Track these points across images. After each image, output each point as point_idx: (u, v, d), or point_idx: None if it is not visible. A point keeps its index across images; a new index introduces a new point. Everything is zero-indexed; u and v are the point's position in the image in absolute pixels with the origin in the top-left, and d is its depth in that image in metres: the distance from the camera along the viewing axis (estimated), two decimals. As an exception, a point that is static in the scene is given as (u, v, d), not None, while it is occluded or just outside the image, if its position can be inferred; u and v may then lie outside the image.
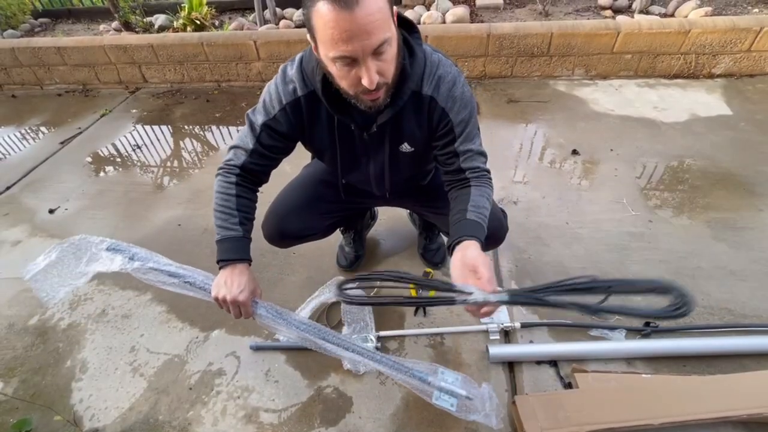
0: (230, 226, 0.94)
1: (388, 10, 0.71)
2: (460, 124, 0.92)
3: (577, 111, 2.45)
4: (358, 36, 0.67)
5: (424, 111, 0.92)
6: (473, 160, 0.95)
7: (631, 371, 1.18)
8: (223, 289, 0.90)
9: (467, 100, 0.91)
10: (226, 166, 0.98)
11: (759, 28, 2.48)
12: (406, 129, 0.96)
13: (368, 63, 0.71)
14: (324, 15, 0.66)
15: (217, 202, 0.95)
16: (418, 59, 0.85)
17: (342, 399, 1.17)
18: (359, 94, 0.78)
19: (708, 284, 1.41)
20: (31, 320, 1.48)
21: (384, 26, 0.70)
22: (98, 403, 1.21)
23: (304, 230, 1.19)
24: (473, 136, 0.95)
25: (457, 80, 0.90)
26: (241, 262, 0.93)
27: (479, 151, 0.96)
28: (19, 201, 2.11)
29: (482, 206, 0.91)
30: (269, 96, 0.92)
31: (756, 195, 1.76)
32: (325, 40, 0.69)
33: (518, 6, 3.50)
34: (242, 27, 3.36)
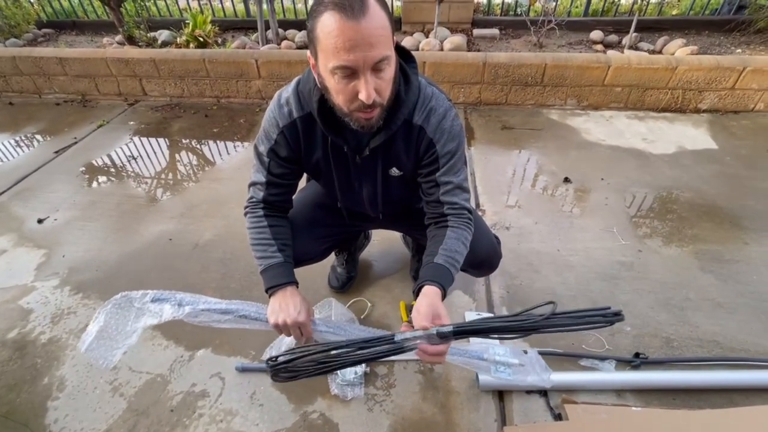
0: (271, 254, 0.97)
1: (390, 32, 0.74)
2: (445, 155, 0.93)
3: (570, 140, 2.51)
4: (361, 46, 0.69)
5: (413, 140, 0.94)
6: (453, 194, 0.95)
7: (621, 403, 1.17)
8: (281, 314, 0.91)
9: (455, 134, 0.93)
10: (250, 204, 1.01)
11: (742, 68, 2.59)
12: (396, 154, 0.97)
13: (367, 76, 0.72)
14: (330, 24, 0.68)
15: (253, 237, 0.98)
16: (413, 88, 0.88)
17: (328, 425, 1.14)
18: (354, 111, 0.79)
19: (696, 316, 1.42)
20: (11, 333, 1.44)
21: (386, 44, 0.72)
22: (74, 424, 1.17)
23: (302, 256, 1.17)
24: (457, 170, 0.95)
25: (447, 113, 0.91)
26: (290, 285, 0.96)
27: (460, 185, 0.96)
28: (8, 209, 2.08)
29: (455, 251, 0.92)
30: (267, 123, 0.94)
31: (742, 228, 1.80)
32: (328, 49, 0.71)
33: (514, 37, 3.63)
34: (244, 46, 3.42)
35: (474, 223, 0.99)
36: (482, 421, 1.14)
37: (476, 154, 2.37)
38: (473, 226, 0.98)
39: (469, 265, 1.17)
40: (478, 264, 1.16)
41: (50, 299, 1.56)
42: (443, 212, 0.96)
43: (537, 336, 1.36)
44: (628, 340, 1.34)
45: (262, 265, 0.96)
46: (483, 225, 1.27)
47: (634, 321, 1.41)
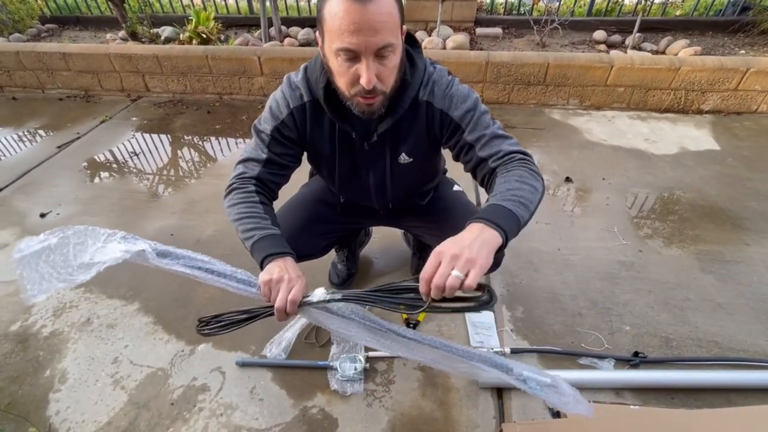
0: (267, 226, 0.87)
1: (398, 20, 0.74)
2: (464, 116, 0.88)
3: (571, 139, 2.51)
4: (365, 30, 0.69)
5: (422, 118, 0.92)
6: (491, 145, 0.85)
7: (620, 402, 1.17)
8: (278, 272, 0.79)
9: (464, 95, 0.89)
10: (239, 179, 0.93)
11: (745, 69, 2.59)
12: (405, 139, 0.96)
13: (369, 61, 0.72)
14: (337, 5, 0.69)
15: (241, 210, 0.88)
16: (419, 70, 0.87)
17: (327, 420, 1.15)
18: (355, 95, 0.79)
19: (696, 316, 1.42)
20: (13, 326, 1.45)
21: (392, 30, 0.72)
22: (75, 416, 1.18)
23: (302, 251, 1.15)
24: (486, 124, 0.87)
25: (451, 82, 0.90)
26: (291, 255, 0.86)
27: (495, 134, 0.86)
28: (11, 203, 2.09)
29: (507, 189, 0.77)
30: (276, 103, 0.94)
31: (743, 229, 1.80)
32: (333, 30, 0.71)
33: (516, 36, 3.63)
34: (247, 42, 3.43)
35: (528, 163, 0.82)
36: (481, 417, 1.14)
37: (478, 152, 2.37)
38: (532, 164, 0.83)
39: None
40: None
41: (52, 293, 1.57)
42: (491, 167, 0.85)
43: (537, 335, 1.36)
44: (627, 339, 1.35)
45: (255, 236, 0.85)
46: None
47: (633, 320, 1.41)
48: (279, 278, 0.79)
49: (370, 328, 0.81)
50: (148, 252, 0.79)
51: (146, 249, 0.79)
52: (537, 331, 1.38)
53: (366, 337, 0.81)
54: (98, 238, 0.78)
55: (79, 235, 0.77)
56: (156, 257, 0.80)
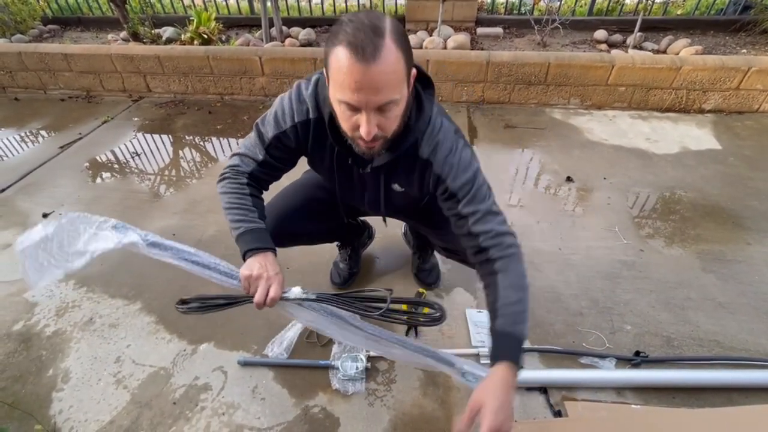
0: (253, 219, 0.92)
1: (404, 73, 0.72)
2: (462, 188, 0.88)
3: (572, 139, 2.51)
4: (366, 89, 0.69)
5: (417, 170, 0.93)
6: (484, 222, 0.87)
7: (621, 401, 1.17)
8: (258, 268, 0.85)
9: (466, 165, 0.88)
10: (233, 170, 0.96)
11: (747, 68, 2.58)
12: (399, 177, 0.98)
13: (370, 115, 0.73)
14: (341, 60, 0.68)
15: (231, 201, 0.93)
16: (424, 116, 0.86)
17: (329, 420, 1.15)
18: (356, 138, 0.80)
19: (697, 315, 1.42)
20: (16, 326, 1.45)
21: (395, 88, 0.71)
22: (78, 415, 1.18)
23: (301, 229, 1.19)
24: (482, 197, 0.88)
25: (454, 146, 0.88)
26: (272, 251, 0.91)
27: (489, 210, 0.88)
28: (13, 204, 2.09)
29: (512, 303, 0.83)
30: (282, 110, 0.93)
31: (744, 229, 1.79)
32: (335, 82, 0.72)
33: (517, 36, 3.63)
34: (248, 43, 3.43)
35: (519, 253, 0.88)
36: (482, 417, 1.15)
37: (479, 152, 2.35)
38: (519, 249, 0.87)
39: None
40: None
41: (55, 292, 1.58)
42: (480, 245, 0.87)
43: (538, 334, 1.37)
44: (628, 339, 1.35)
45: (241, 228, 0.91)
46: None
47: (635, 320, 1.41)
48: (258, 275, 0.85)
49: (337, 323, 0.89)
50: (139, 242, 0.83)
51: (137, 240, 0.83)
52: (538, 330, 1.38)
53: (333, 330, 0.89)
54: (90, 226, 0.81)
55: (73, 222, 0.81)
56: (146, 247, 0.84)
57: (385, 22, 0.69)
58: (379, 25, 0.68)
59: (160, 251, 0.85)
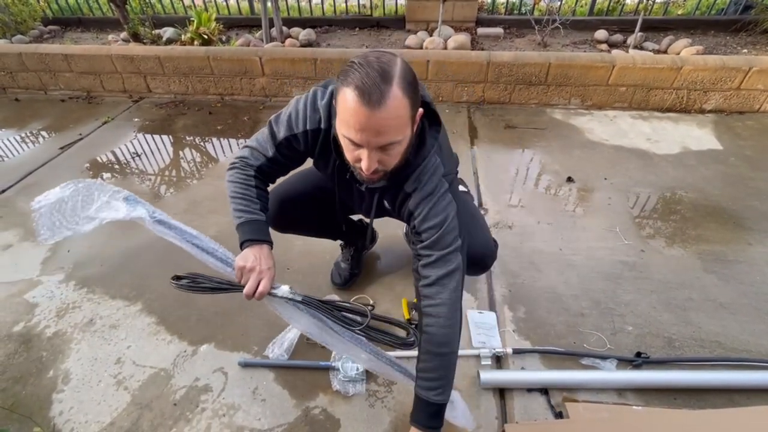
0: (254, 211, 0.96)
1: (408, 117, 0.75)
2: (427, 231, 0.90)
3: (573, 139, 2.51)
4: (368, 131, 0.72)
5: (400, 197, 0.96)
6: (431, 267, 0.89)
7: (622, 402, 1.17)
8: (252, 260, 0.89)
9: (438, 211, 0.89)
10: (242, 161, 1.00)
11: (748, 68, 2.58)
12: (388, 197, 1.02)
13: (371, 153, 0.76)
14: (348, 101, 0.71)
15: (237, 190, 0.97)
16: (423, 153, 0.89)
17: (330, 421, 1.15)
18: (357, 168, 0.83)
19: (698, 316, 1.42)
20: (16, 327, 1.45)
21: (397, 131, 0.74)
22: (78, 417, 1.18)
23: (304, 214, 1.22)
24: (444, 244, 0.88)
25: (436, 190, 0.90)
26: (268, 244, 0.95)
27: (442, 257, 0.88)
28: (14, 204, 2.09)
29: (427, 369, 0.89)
30: (296, 114, 0.96)
31: (745, 229, 1.79)
32: (341, 118, 0.75)
33: (518, 36, 3.62)
34: (248, 43, 3.43)
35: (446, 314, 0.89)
36: (483, 418, 1.14)
37: (479, 153, 2.37)
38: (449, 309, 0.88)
39: None
40: (476, 261, 1.17)
41: (55, 293, 1.58)
42: (419, 288, 0.91)
43: (539, 335, 1.36)
44: (629, 340, 1.34)
45: (242, 218, 0.94)
46: (482, 223, 1.28)
47: (636, 320, 1.41)
48: (251, 267, 0.88)
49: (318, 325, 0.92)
50: (146, 217, 0.86)
51: (144, 215, 0.86)
52: (539, 331, 1.38)
53: (313, 331, 0.93)
54: (104, 194, 0.86)
55: (89, 188, 0.85)
56: (152, 223, 0.87)
57: (395, 67, 0.72)
58: (388, 71, 0.70)
59: (165, 229, 0.88)
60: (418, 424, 0.91)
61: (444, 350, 0.89)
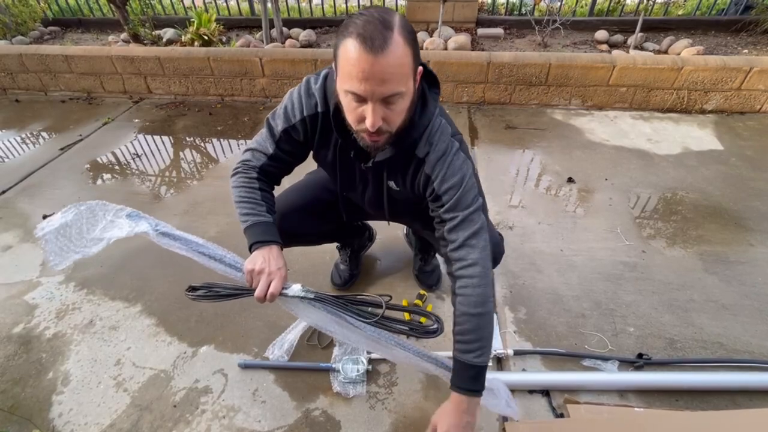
0: (260, 213, 0.95)
1: (410, 68, 0.74)
2: (447, 192, 0.89)
3: (574, 140, 2.50)
4: (372, 80, 0.70)
5: (411, 168, 0.94)
6: (458, 229, 0.88)
7: (624, 404, 1.16)
8: (261, 262, 0.88)
9: (455, 169, 0.89)
10: (244, 165, 0.99)
11: (749, 68, 2.57)
12: (396, 174, 0.99)
13: (375, 106, 0.74)
14: (349, 51, 0.70)
15: (241, 194, 0.96)
16: (428, 113, 0.88)
17: (330, 423, 1.15)
18: (360, 131, 0.80)
19: (700, 318, 1.41)
20: (16, 328, 1.45)
21: (400, 80, 0.73)
22: (78, 418, 1.18)
23: (302, 229, 1.21)
24: (465, 204, 0.89)
25: (448, 149, 0.89)
26: (277, 244, 0.93)
27: (467, 217, 0.88)
28: (14, 205, 2.09)
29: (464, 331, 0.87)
30: (291, 104, 0.95)
31: (747, 229, 1.79)
32: (343, 72, 0.73)
33: (518, 36, 3.62)
34: (249, 44, 3.43)
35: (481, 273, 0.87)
36: (484, 419, 1.14)
37: (480, 153, 2.37)
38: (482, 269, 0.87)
39: None
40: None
41: (55, 295, 1.58)
42: (448, 254, 0.90)
43: (540, 336, 1.36)
44: (631, 341, 1.34)
45: (249, 221, 0.94)
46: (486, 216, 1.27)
47: (637, 322, 1.40)
48: (260, 269, 0.87)
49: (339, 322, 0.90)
50: (149, 232, 0.87)
51: (147, 230, 0.87)
52: (540, 332, 1.37)
53: (332, 327, 0.91)
54: (107, 213, 0.87)
55: (92, 209, 0.87)
56: (156, 236, 0.88)
57: (395, 17, 0.71)
58: (388, 19, 0.70)
59: (170, 240, 0.88)
60: (459, 389, 0.87)
61: (480, 310, 0.86)
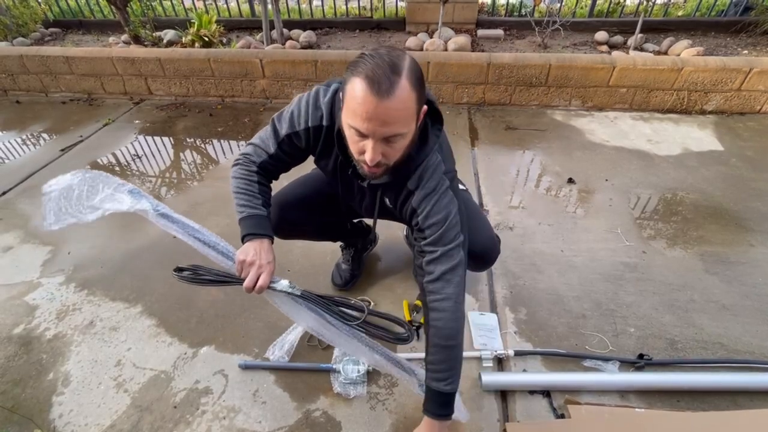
0: (256, 206, 0.98)
1: (414, 110, 0.77)
2: (430, 227, 0.92)
3: (574, 140, 2.51)
4: (375, 120, 0.73)
5: (402, 195, 0.98)
6: (436, 263, 0.91)
7: (625, 405, 1.16)
8: (252, 254, 0.90)
9: (441, 207, 0.91)
10: (245, 158, 1.02)
11: (748, 69, 2.58)
12: (389, 194, 1.03)
13: (375, 144, 0.77)
14: (357, 90, 0.73)
15: (239, 186, 0.99)
16: (425, 151, 0.90)
17: (330, 424, 1.15)
18: (360, 161, 0.83)
19: (701, 318, 1.41)
20: (16, 329, 1.45)
21: (403, 123, 0.76)
22: (78, 419, 1.18)
23: (303, 218, 1.23)
24: (447, 240, 0.90)
25: (438, 187, 0.92)
26: (269, 238, 0.96)
27: (446, 253, 0.90)
28: (14, 206, 2.09)
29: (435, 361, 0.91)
30: (298, 112, 0.97)
31: (747, 230, 1.79)
32: (349, 108, 0.76)
33: (518, 37, 3.63)
34: (249, 45, 3.44)
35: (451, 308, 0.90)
36: (485, 420, 1.14)
37: (480, 154, 2.37)
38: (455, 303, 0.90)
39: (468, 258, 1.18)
40: (479, 256, 1.17)
41: (56, 295, 1.58)
42: (424, 284, 0.93)
43: (540, 337, 1.36)
44: (632, 342, 1.34)
45: (244, 212, 0.97)
46: (483, 219, 1.28)
47: (638, 322, 1.40)
48: (251, 261, 0.89)
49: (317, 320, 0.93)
50: (149, 210, 0.87)
51: (147, 208, 0.87)
52: (540, 333, 1.37)
53: (313, 325, 0.94)
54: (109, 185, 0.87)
55: (95, 179, 0.87)
56: (155, 216, 0.88)
57: (404, 61, 0.74)
58: (398, 63, 0.73)
59: (168, 222, 0.89)
60: (431, 414, 0.94)
61: (451, 343, 0.91)
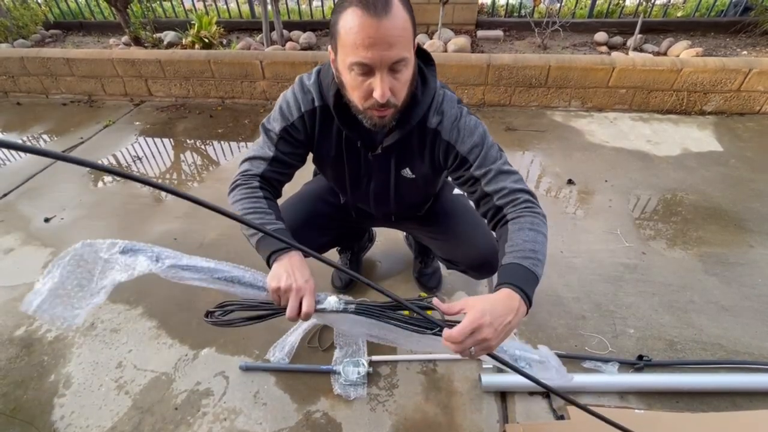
0: (270, 222, 0.88)
1: (411, 34, 0.74)
2: (471, 151, 0.89)
3: (573, 141, 2.51)
4: (380, 44, 0.69)
5: (428, 143, 0.93)
6: (497, 181, 0.86)
7: (624, 406, 1.17)
8: (286, 278, 0.79)
9: (472, 128, 0.89)
10: (243, 176, 0.94)
11: (748, 70, 2.58)
12: (409, 156, 0.97)
13: (383, 75, 0.72)
14: (352, 19, 0.69)
15: (246, 207, 0.89)
16: (429, 89, 0.87)
17: (331, 425, 1.15)
18: (368, 109, 0.79)
19: (700, 319, 1.41)
20: (18, 331, 1.45)
21: (405, 45, 0.72)
22: (80, 421, 1.18)
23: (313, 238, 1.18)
24: (492, 158, 0.88)
25: (459, 113, 0.90)
26: (297, 251, 0.84)
27: (501, 169, 0.87)
28: (15, 208, 2.10)
29: (523, 241, 0.79)
30: (287, 104, 0.93)
31: (747, 231, 1.79)
32: (347, 44, 0.71)
33: (518, 38, 3.63)
34: (249, 47, 3.44)
35: (535, 207, 0.84)
36: (485, 422, 1.14)
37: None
38: (538, 206, 0.85)
39: (469, 266, 1.18)
40: (479, 265, 1.15)
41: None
42: (495, 204, 0.86)
43: (540, 338, 1.36)
44: (631, 343, 1.34)
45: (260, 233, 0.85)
46: (484, 225, 1.28)
47: (637, 323, 1.40)
48: (287, 287, 0.79)
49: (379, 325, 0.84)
50: (153, 269, 0.78)
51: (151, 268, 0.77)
52: (540, 334, 1.38)
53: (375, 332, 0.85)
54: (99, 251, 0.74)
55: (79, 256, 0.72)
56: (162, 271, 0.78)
57: None
58: None
59: (179, 272, 0.79)
60: (510, 285, 0.74)
61: (538, 228, 0.81)
